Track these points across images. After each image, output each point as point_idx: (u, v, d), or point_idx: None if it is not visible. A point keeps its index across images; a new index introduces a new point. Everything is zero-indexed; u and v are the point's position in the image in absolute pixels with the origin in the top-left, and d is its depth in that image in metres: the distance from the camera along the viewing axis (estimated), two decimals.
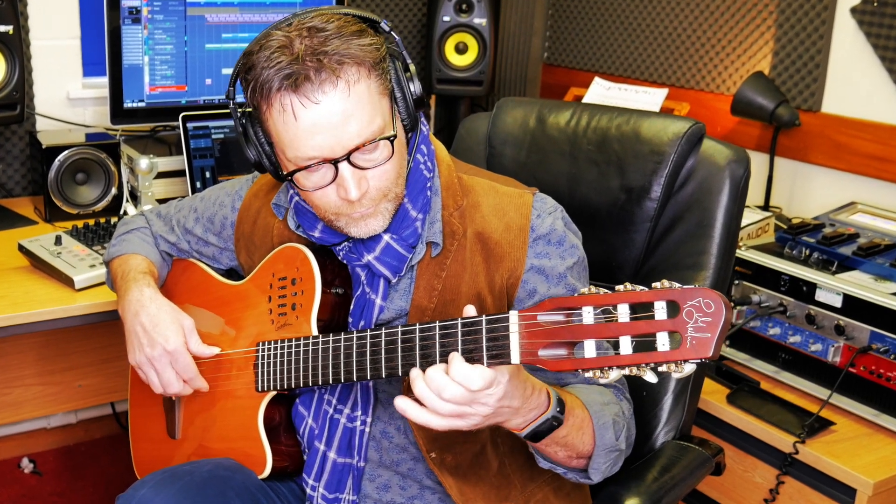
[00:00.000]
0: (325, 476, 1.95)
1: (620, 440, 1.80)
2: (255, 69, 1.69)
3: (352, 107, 1.67)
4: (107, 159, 3.19)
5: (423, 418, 1.57)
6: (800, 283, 2.64)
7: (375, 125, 1.71)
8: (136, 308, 2.04)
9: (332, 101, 1.66)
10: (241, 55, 1.76)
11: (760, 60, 3.39)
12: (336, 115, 1.67)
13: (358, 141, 1.69)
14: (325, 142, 1.69)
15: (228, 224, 2.15)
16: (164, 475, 1.90)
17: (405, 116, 1.81)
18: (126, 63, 3.24)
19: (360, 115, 1.68)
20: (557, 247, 1.88)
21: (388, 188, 1.78)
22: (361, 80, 1.68)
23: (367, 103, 1.69)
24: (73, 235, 2.90)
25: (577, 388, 1.84)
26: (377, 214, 1.79)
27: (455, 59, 3.93)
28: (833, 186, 3.22)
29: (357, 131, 1.69)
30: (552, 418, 1.65)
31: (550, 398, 1.66)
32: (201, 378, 2.03)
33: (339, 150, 1.69)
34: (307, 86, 1.65)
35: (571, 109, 2.36)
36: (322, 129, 1.68)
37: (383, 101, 1.74)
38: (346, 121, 1.67)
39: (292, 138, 1.70)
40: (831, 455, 2.41)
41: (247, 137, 1.82)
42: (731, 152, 2.17)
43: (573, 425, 1.71)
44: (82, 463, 3.79)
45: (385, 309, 1.89)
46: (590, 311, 1.42)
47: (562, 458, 1.76)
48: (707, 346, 1.33)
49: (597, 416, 1.76)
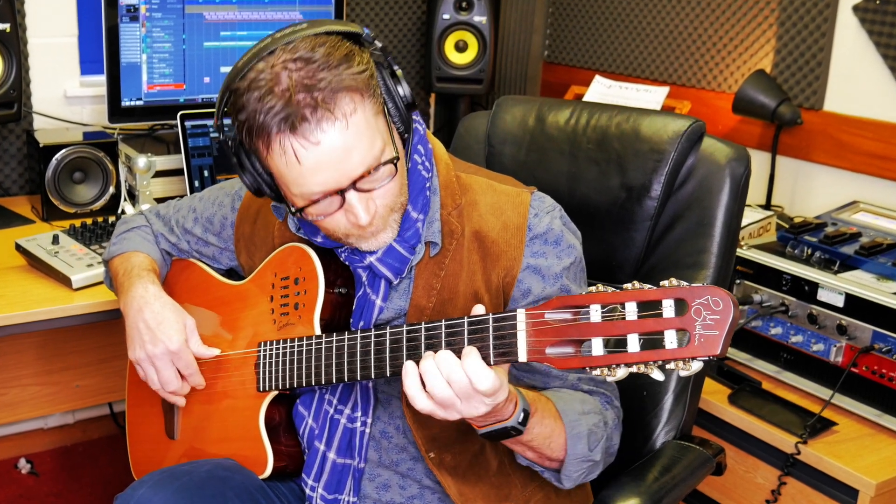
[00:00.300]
0: (324, 476, 1.95)
1: (595, 451, 1.81)
2: (246, 111, 1.67)
3: (352, 139, 1.66)
4: (104, 158, 3.19)
5: (413, 391, 1.59)
6: (802, 283, 2.64)
7: (376, 148, 1.70)
8: (140, 304, 2.04)
9: (332, 139, 1.65)
10: (225, 88, 1.73)
11: (762, 58, 3.40)
12: (338, 150, 1.66)
13: (362, 170, 1.69)
14: (329, 177, 1.68)
15: (228, 224, 2.15)
16: (163, 475, 1.90)
17: (399, 124, 1.80)
18: (124, 61, 3.24)
19: (360, 144, 1.67)
20: (554, 246, 1.88)
21: (395, 201, 1.79)
22: (357, 110, 1.67)
23: (365, 130, 1.68)
24: (71, 235, 2.90)
25: (560, 393, 1.85)
26: (386, 228, 1.80)
27: (455, 58, 3.93)
28: (835, 185, 3.22)
29: (360, 161, 1.68)
30: (510, 428, 1.66)
31: (517, 408, 1.67)
32: (200, 374, 2.04)
33: (345, 180, 1.69)
34: (305, 126, 1.64)
35: (571, 108, 2.36)
36: (325, 166, 1.67)
37: (379, 120, 1.72)
38: (348, 154, 1.66)
39: (296, 177, 1.69)
40: (833, 456, 2.41)
41: (242, 167, 1.80)
42: (732, 150, 2.17)
43: (539, 433, 1.73)
44: (80, 463, 3.79)
45: (385, 309, 1.89)
46: (597, 309, 1.43)
47: (531, 457, 1.79)
48: (715, 343, 1.34)
49: (571, 425, 1.77)
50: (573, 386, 1.89)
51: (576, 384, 1.89)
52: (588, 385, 1.89)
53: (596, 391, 1.90)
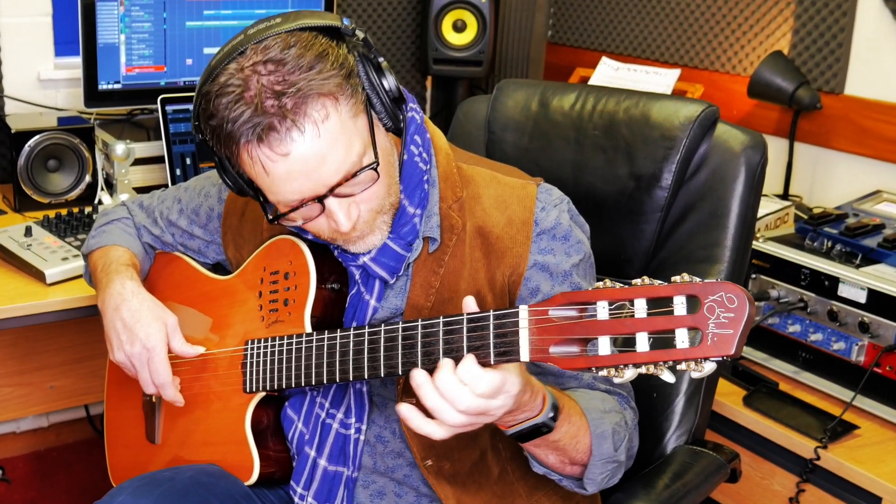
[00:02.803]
0: (314, 484, 1.95)
1: (620, 451, 1.81)
2: (216, 117, 1.67)
3: (325, 146, 1.66)
4: (80, 145, 3.18)
5: (427, 429, 1.58)
6: (821, 278, 2.64)
7: (354, 154, 1.69)
8: (117, 302, 2.04)
9: (302, 148, 1.64)
10: (198, 90, 1.74)
11: (779, 39, 3.40)
12: (310, 160, 1.65)
13: (338, 177, 1.69)
14: (304, 185, 1.68)
15: (215, 216, 2.15)
16: (143, 481, 1.90)
17: (387, 120, 1.79)
18: (101, 42, 3.24)
19: (335, 151, 1.67)
20: (563, 242, 1.88)
21: (381, 204, 1.79)
22: (331, 115, 1.66)
23: (340, 136, 1.67)
24: (45, 226, 2.90)
25: (578, 392, 1.85)
26: (374, 231, 1.81)
27: (453, 38, 3.93)
28: (857, 174, 3.23)
29: (336, 168, 1.68)
30: (542, 424, 1.67)
31: (545, 402, 1.67)
32: (173, 389, 2.02)
33: (321, 188, 1.69)
34: (273, 136, 1.63)
35: (576, 92, 2.36)
36: (297, 175, 1.67)
37: (359, 121, 1.71)
38: (321, 162, 1.66)
39: (269, 185, 1.70)
40: (855, 461, 2.42)
41: (224, 169, 1.81)
42: (747, 137, 2.17)
43: (567, 432, 1.72)
44: (54, 469, 3.79)
45: (379, 309, 1.90)
46: (604, 306, 1.43)
47: (553, 462, 1.78)
48: (729, 343, 1.34)
49: (595, 423, 1.77)
50: (590, 385, 1.89)
51: (592, 383, 1.89)
52: (604, 385, 1.90)
53: (612, 391, 1.90)
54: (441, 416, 1.56)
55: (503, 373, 1.55)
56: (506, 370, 1.55)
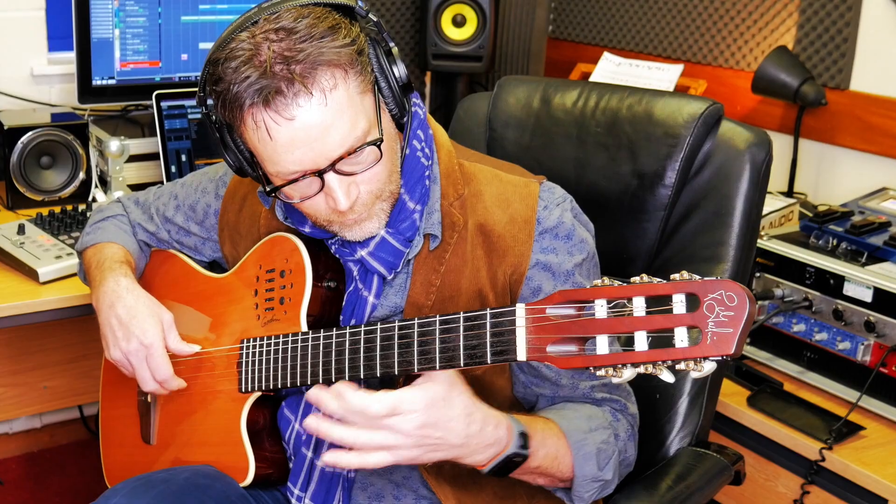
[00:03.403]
0: (312, 485, 1.95)
1: (606, 470, 1.82)
2: (223, 81, 1.68)
3: (330, 116, 1.66)
4: (74, 141, 3.18)
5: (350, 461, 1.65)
6: (826, 276, 2.65)
7: (359, 129, 1.70)
8: (112, 299, 2.05)
9: (307, 115, 1.65)
10: (207, 60, 1.74)
11: (784, 34, 3.40)
12: (314, 128, 1.66)
13: (341, 150, 1.69)
14: (305, 156, 1.69)
15: (212, 212, 2.16)
16: (138, 483, 1.90)
17: (393, 106, 1.80)
18: (95, 37, 3.24)
19: (340, 123, 1.68)
20: (565, 241, 1.89)
21: (381, 189, 1.79)
22: (339, 85, 1.67)
23: (346, 108, 1.68)
24: (38, 224, 2.90)
25: (563, 412, 1.86)
26: (372, 217, 1.81)
27: (452, 33, 3.93)
28: (862, 170, 3.23)
29: (339, 141, 1.68)
30: (513, 454, 1.69)
31: (511, 433, 1.68)
32: (176, 378, 2.03)
33: (323, 161, 1.69)
34: (279, 100, 1.64)
35: (579, 89, 2.36)
36: (301, 143, 1.67)
37: (366, 99, 1.72)
38: (325, 132, 1.67)
39: (271, 154, 1.70)
40: (861, 462, 2.42)
41: (225, 145, 1.82)
42: (752, 135, 2.17)
43: (546, 456, 1.75)
44: (47, 471, 3.79)
45: (378, 307, 1.90)
46: (603, 305, 1.43)
47: (543, 483, 1.82)
48: (729, 342, 1.34)
49: (577, 446, 1.79)
50: (584, 395, 1.90)
51: (587, 393, 1.90)
52: (601, 392, 1.90)
53: (609, 398, 1.90)
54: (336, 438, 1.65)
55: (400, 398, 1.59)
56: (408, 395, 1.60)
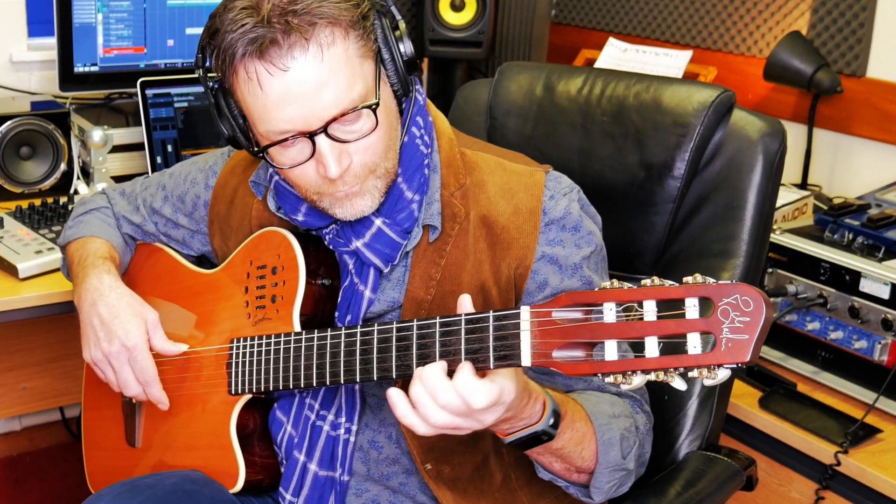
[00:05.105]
0: (304, 491, 1.95)
1: (629, 459, 1.81)
2: (220, 33, 1.69)
3: (326, 73, 1.67)
4: (55, 131, 3.18)
5: (409, 420, 1.57)
6: (842, 272, 2.64)
7: (355, 92, 1.71)
8: (94, 297, 2.05)
9: (302, 68, 1.66)
10: (209, 17, 1.75)
11: (797, 18, 3.40)
12: (308, 83, 1.67)
13: (335, 111, 1.69)
14: (297, 113, 1.69)
15: (201, 204, 2.15)
16: (123, 488, 1.90)
17: (395, 81, 1.81)
18: (77, 21, 3.23)
19: (335, 81, 1.68)
20: (573, 233, 1.88)
21: (376, 163, 1.78)
22: (337, 43, 1.68)
23: (344, 67, 1.69)
24: (17, 217, 2.90)
25: (586, 395, 1.85)
26: (364, 193, 1.80)
27: (450, 17, 3.93)
28: (880, 161, 3.23)
29: (333, 100, 1.69)
30: (541, 432, 1.67)
31: (545, 409, 1.67)
32: (159, 387, 2.03)
33: (315, 121, 1.70)
34: (274, 51, 1.65)
35: (584, 76, 2.36)
36: (293, 98, 1.68)
37: (366, 65, 1.73)
38: (319, 89, 1.67)
39: (262, 110, 1.71)
40: (878, 467, 2.42)
41: (219, 110, 1.82)
42: (765, 124, 2.17)
43: (570, 439, 1.73)
44: (27, 475, 3.79)
45: (375, 301, 1.90)
46: (612, 308, 1.43)
47: (558, 469, 1.79)
48: (744, 349, 1.33)
49: (602, 430, 1.77)
50: (600, 388, 1.89)
51: (602, 385, 1.89)
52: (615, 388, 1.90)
53: (625, 394, 1.90)
54: (421, 408, 1.55)
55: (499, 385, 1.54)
56: (501, 378, 1.55)
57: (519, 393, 1.59)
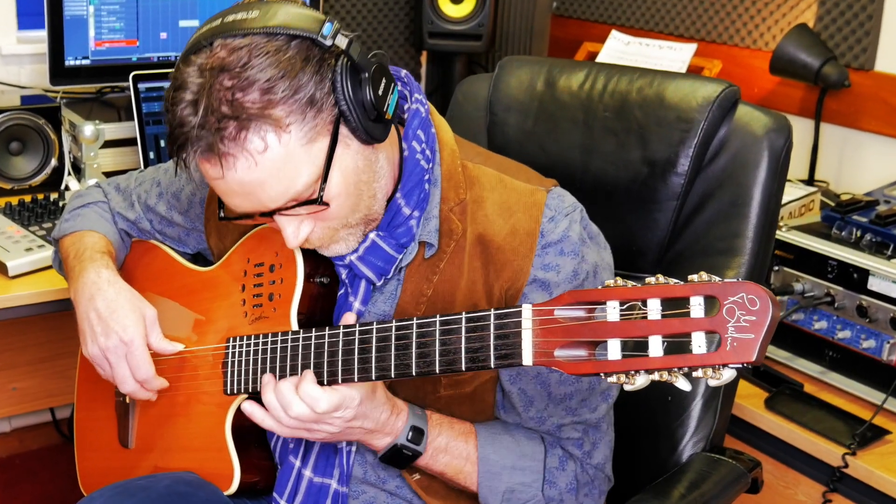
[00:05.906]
0: (299, 497, 1.96)
1: None
2: (169, 113, 1.69)
3: (263, 174, 1.66)
4: (45, 126, 3.18)
5: (268, 424, 1.79)
6: (850, 270, 2.64)
7: (300, 183, 1.68)
8: (92, 291, 2.04)
9: (236, 174, 1.66)
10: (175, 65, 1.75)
11: (804, 11, 3.40)
12: (245, 185, 1.68)
13: (278, 204, 1.70)
14: (245, 202, 1.72)
15: (197, 201, 2.15)
16: (116, 490, 1.91)
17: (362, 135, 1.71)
18: (68, 14, 3.23)
19: (274, 181, 1.67)
20: (571, 258, 1.86)
21: (342, 223, 1.79)
22: (270, 147, 1.64)
23: (282, 165, 1.66)
24: (7, 214, 2.91)
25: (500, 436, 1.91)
26: (338, 241, 1.82)
27: (449, 10, 3.93)
28: (888, 157, 3.23)
29: (273, 196, 1.69)
30: (401, 446, 1.80)
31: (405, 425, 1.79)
32: (158, 378, 2.03)
33: (264, 208, 1.71)
34: (210, 156, 1.66)
35: (585, 70, 2.36)
36: (235, 194, 1.71)
37: (315, 147, 1.68)
38: (259, 188, 1.68)
39: (217, 191, 1.76)
40: (886, 469, 2.42)
41: None
42: (770, 119, 2.18)
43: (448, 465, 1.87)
44: (18, 477, 3.80)
45: (365, 314, 1.90)
46: (615, 307, 1.43)
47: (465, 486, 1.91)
48: (750, 348, 1.33)
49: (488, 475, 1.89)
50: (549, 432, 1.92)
51: (553, 430, 1.92)
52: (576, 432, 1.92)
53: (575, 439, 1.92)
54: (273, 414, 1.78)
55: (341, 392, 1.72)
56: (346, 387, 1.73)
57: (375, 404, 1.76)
